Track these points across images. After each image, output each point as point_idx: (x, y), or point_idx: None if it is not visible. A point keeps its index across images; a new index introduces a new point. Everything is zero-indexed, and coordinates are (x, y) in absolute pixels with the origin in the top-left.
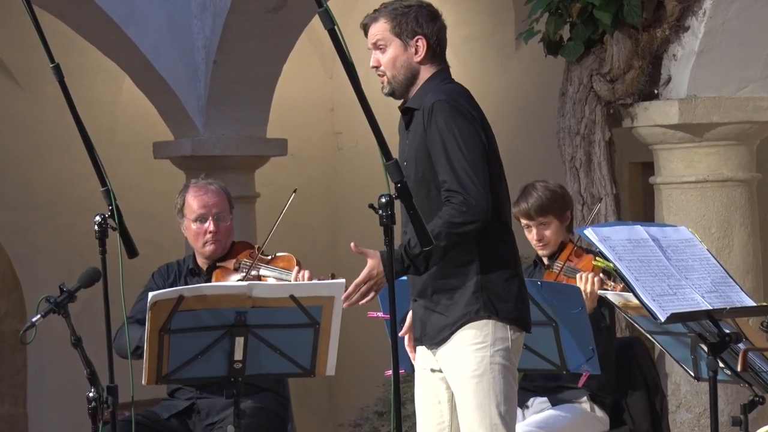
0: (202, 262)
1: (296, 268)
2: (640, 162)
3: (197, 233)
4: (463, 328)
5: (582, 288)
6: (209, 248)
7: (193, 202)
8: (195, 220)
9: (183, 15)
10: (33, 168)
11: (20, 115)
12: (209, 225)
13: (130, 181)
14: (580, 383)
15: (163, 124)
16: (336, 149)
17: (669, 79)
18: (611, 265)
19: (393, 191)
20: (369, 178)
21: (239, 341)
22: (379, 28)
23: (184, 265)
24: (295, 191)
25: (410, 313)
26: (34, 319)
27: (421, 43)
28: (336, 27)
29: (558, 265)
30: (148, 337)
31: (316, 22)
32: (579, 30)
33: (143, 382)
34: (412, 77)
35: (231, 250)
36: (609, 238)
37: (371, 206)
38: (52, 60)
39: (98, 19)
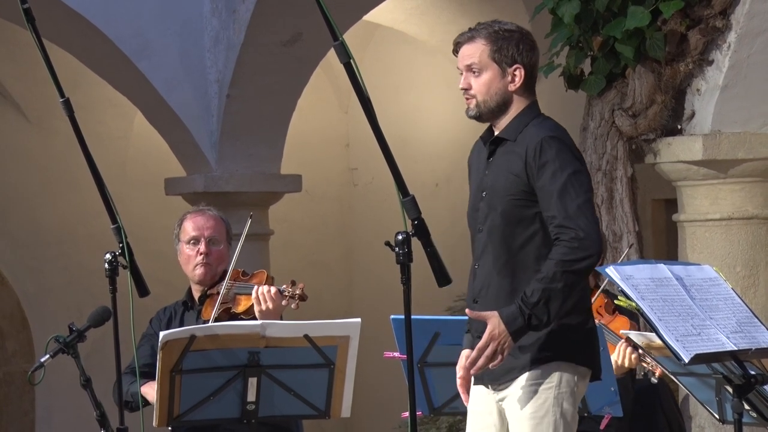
0: (195, 291)
1: (257, 286)
2: (663, 199)
3: (189, 256)
4: (532, 369)
5: None
6: (199, 271)
7: (188, 225)
8: (188, 242)
9: (195, 49)
10: (42, 205)
11: (29, 151)
12: (201, 247)
13: (141, 218)
14: (602, 426)
15: (174, 159)
16: (351, 185)
17: (693, 114)
18: (633, 304)
19: (410, 228)
20: (385, 215)
21: (252, 382)
22: (476, 50)
23: (180, 301)
24: (251, 215)
25: (465, 352)
26: (42, 360)
27: (519, 73)
28: (352, 60)
29: None
30: (159, 377)
31: (332, 55)
32: (600, 64)
33: (154, 424)
34: (504, 105)
35: (222, 278)
36: (631, 277)
37: (387, 244)
38: (61, 94)
39: (109, 53)
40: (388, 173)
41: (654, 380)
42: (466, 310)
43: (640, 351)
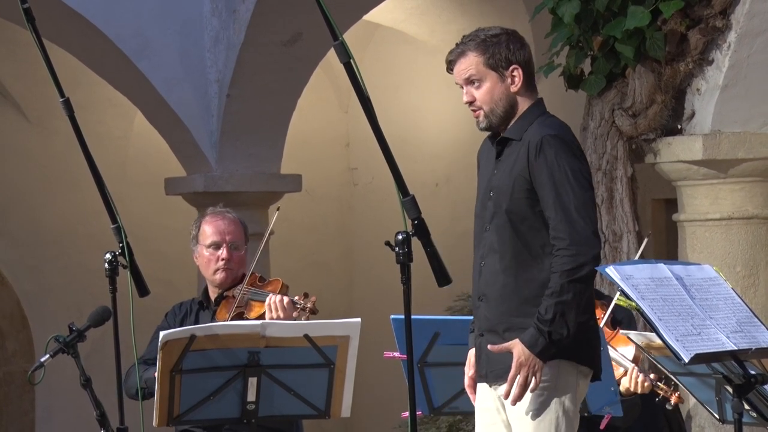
0: (212, 292)
1: (271, 294)
2: (663, 198)
3: (209, 260)
4: None
5: None
6: (220, 276)
7: (208, 229)
8: (209, 246)
9: (196, 48)
10: (42, 204)
11: (29, 151)
12: (223, 252)
13: (142, 218)
14: (602, 425)
15: (175, 159)
16: (351, 185)
17: (693, 114)
18: (633, 304)
19: (410, 228)
20: (385, 215)
21: (252, 382)
22: (471, 62)
23: (196, 300)
24: (278, 209)
25: (471, 351)
26: (42, 359)
27: (518, 73)
28: (352, 60)
29: None
30: (159, 377)
31: (332, 55)
32: (600, 64)
33: (154, 423)
34: (511, 109)
35: (241, 281)
36: (631, 277)
37: (387, 244)
38: (61, 94)
39: (109, 52)
40: (388, 173)
41: (669, 407)
42: (489, 346)
43: (652, 376)
